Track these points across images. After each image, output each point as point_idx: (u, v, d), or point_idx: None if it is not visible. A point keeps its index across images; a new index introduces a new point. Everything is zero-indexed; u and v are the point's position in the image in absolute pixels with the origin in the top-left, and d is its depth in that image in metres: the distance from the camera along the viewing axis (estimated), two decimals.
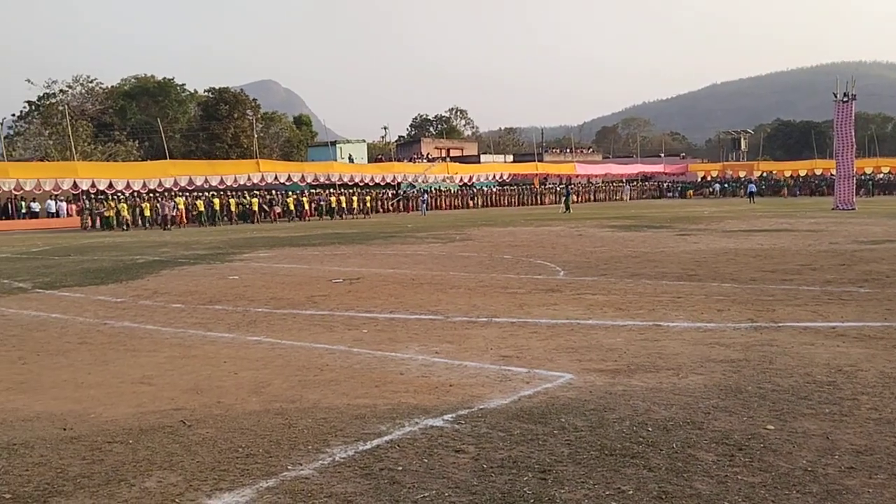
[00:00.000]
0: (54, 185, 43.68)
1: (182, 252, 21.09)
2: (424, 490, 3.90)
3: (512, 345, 7.51)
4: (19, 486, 4.13)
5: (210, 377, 6.55)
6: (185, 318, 9.73)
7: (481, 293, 11.16)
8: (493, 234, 25.42)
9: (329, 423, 5.10)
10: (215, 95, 74.38)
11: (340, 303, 10.59)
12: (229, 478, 4.16)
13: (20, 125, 68.14)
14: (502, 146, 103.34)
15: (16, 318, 10.15)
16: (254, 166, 52.02)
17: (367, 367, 6.78)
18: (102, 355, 7.63)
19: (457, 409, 5.31)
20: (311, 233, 29.56)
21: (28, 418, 5.45)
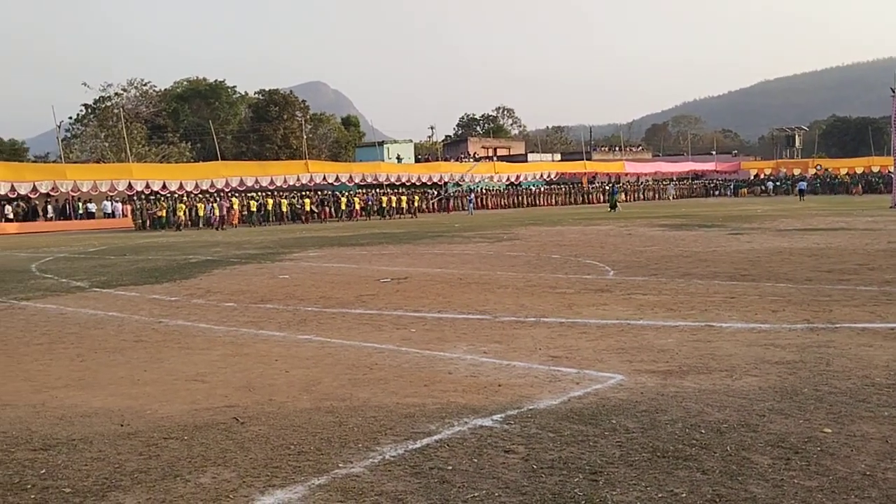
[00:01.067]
0: (110, 187, 44.88)
1: (233, 252, 21.44)
2: (474, 490, 3.90)
3: (561, 345, 7.46)
4: (79, 480, 4.24)
5: (262, 375, 6.64)
6: (237, 317, 9.89)
7: (529, 293, 11.11)
8: (540, 233, 25.30)
9: (379, 421, 5.13)
10: (265, 97, 75.54)
11: (389, 302, 10.65)
12: (281, 475, 4.21)
13: (77, 128, 69.99)
14: (550, 145, 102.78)
15: (74, 317, 10.43)
16: (303, 167, 52.69)
17: (416, 366, 6.81)
18: (157, 353, 7.79)
19: (506, 410, 5.30)
20: (360, 232, 29.79)
21: (87, 414, 5.59)
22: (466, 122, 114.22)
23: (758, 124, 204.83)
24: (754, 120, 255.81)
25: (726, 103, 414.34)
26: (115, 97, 70.58)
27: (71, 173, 44.46)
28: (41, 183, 42.66)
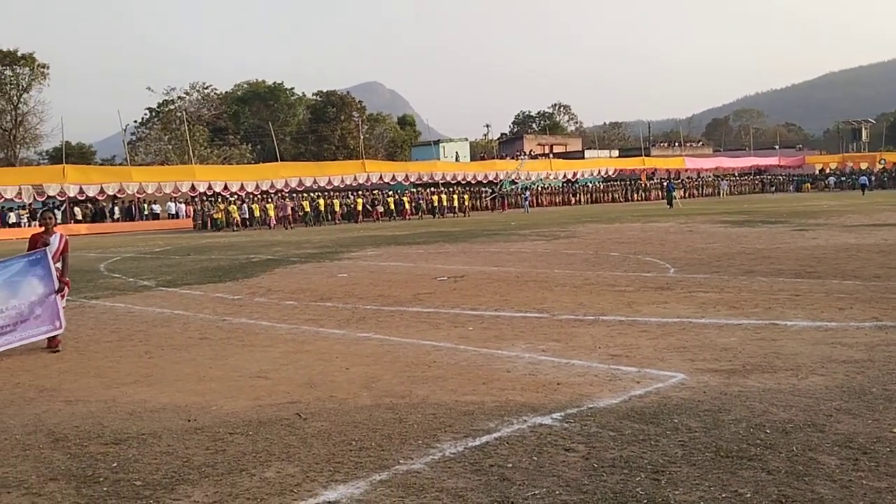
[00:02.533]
0: (174, 188, 46.08)
1: (293, 251, 21.79)
2: (535, 487, 3.89)
3: (621, 343, 7.39)
4: (148, 473, 4.38)
5: (323, 372, 6.74)
6: (297, 315, 10.05)
7: (588, 291, 11.03)
8: (598, 230, 25.06)
9: (438, 418, 5.16)
10: (323, 98, 76.49)
11: (446, 300, 10.69)
12: (344, 470, 4.27)
13: (142, 131, 71.93)
14: (607, 141, 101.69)
15: (141, 315, 10.74)
16: (360, 167, 53.22)
17: (474, 364, 6.82)
18: (222, 350, 7.98)
19: (565, 408, 5.27)
20: (416, 231, 29.95)
21: (155, 410, 5.76)
22: (522, 120, 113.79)
23: (822, 117, 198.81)
24: (819, 113, 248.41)
25: (790, 96, 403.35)
26: (178, 101, 72.30)
27: (136, 175, 45.81)
28: (108, 185, 44.06)
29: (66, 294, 8.72)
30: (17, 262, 8.26)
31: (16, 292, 8.08)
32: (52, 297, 8.32)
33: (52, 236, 8.68)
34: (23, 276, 8.20)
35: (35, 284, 8.25)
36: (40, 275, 8.30)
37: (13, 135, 62.15)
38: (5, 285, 8.04)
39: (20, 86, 61.82)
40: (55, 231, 8.83)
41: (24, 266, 8.27)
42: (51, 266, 8.37)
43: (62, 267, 8.69)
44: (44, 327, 8.28)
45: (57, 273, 8.44)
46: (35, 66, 61.75)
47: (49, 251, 8.44)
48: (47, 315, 8.28)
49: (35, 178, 43.48)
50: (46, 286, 8.31)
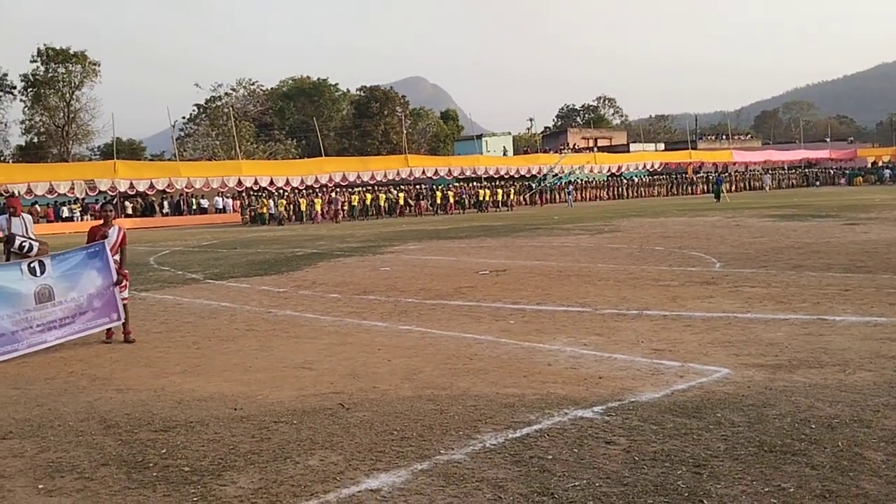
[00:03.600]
0: (221, 183, 46.80)
1: (337, 245, 22.00)
2: (575, 479, 3.90)
3: (664, 338, 7.33)
4: (196, 459, 4.49)
5: (366, 363, 6.82)
6: (341, 308, 10.17)
7: (631, 285, 10.95)
8: (643, 224, 24.81)
9: (479, 410, 5.19)
10: (366, 94, 76.93)
11: (487, 294, 10.71)
12: (385, 459, 4.34)
13: (190, 127, 73.19)
14: (653, 134, 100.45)
15: (190, 307, 10.97)
16: (403, 161, 53.39)
17: (515, 357, 6.84)
18: (267, 341, 8.12)
19: (607, 402, 5.27)
20: (458, 226, 29.98)
21: (203, 398, 5.90)
22: (566, 113, 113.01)
23: (875, 109, 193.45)
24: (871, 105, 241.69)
25: (842, 88, 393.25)
26: (225, 97, 73.41)
27: (185, 171, 46.63)
28: (157, 180, 44.91)
29: (126, 286, 8.81)
30: (76, 255, 8.41)
31: (75, 284, 8.22)
32: (110, 289, 8.46)
33: (110, 229, 8.78)
34: (82, 269, 8.34)
35: (94, 277, 8.39)
36: (98, 267, 8.43)
37: (66, 131, 63.75)
38: (64, 277, 8.18)
39: (72, 83, 63.35)
40: (114, 224, 8.94)
41: (82, 258, 8.40)
42: (109, 258, 8.49)
43: (120, 259, 8.79)
44: (102, 319, 8.42)
45: (115, 265, 8.57)
46: (87, 64, 63.21)
47: (107, 243, 8.56)
48: (106, 307, 8.42)
49: (87, 173, 44.51)
50: (105, 278, 8.44)
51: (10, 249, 8.91)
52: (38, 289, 7.95)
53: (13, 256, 9.23)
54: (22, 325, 7.78)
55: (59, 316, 8.08)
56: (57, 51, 62.25)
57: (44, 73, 62.39)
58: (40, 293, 7.95)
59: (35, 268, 8.00)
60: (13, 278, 7.85)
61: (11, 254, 8.87)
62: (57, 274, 8.13)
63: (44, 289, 7.98)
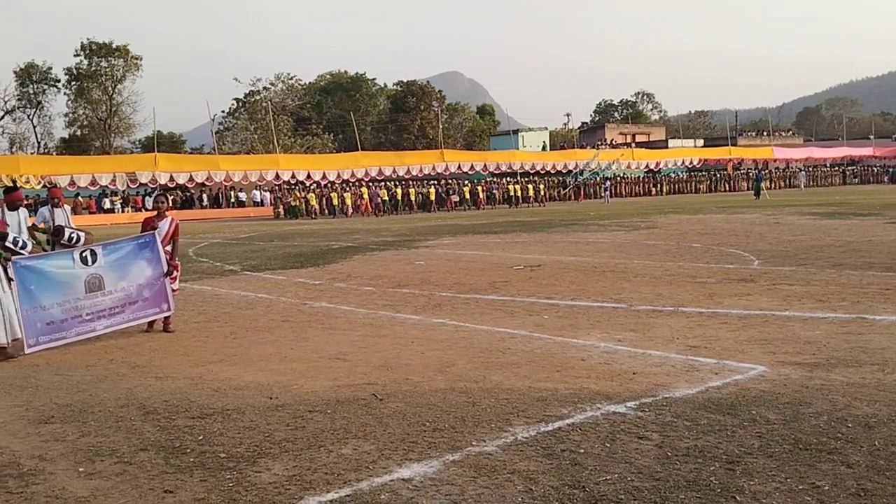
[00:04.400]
0: (259, 177, 47.32)
1: (372, 239, 22.12)
2: (607, 473, 3.90)
3: (700, 335, 7.27)
4: (232, 446, 4.57)
5: (399, 355, 6.87)
6: (375, 300, 10.24)
7: (667, 282, 10.85)
8: (680, 221, 24.55)
9: (511, 403, 5.20)
10: (403, 89, 77.11)
11: (521, 289, 10.70)
12: (418, 449, 4.37)
13: (229, 121, 74.01)
14: (692, 130, 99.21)
15: (227, 298, 11.13)
16: (438, 156, 53.46)
17: (548, 351, 6.83)
18: (303, 332, 8.21)
19: (640, 397, 5.24)
20: (493, 221, 29.95)
21: (239, 387, 5.99)
22: (604, 109, 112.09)
23: None
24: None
25: (886, 84, 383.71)
26: (264, 91, 74.07)
27: (223, 164, 47.22)
28: (197, 173, 45.55)
29: (177, 277, 8.84)
30: (126, 245, 8.48)
31: (125, 274, 8.30)
32: (160, 279, 8.52)
33: (162, 220, 8.82)
34: (132, 259, 8.40)
35: (143, 267, 8.45)
36: (149, 258, 8.49)
37: (108, 124, 64.90)
38: (115, 267, 8.25)
39: (115, 77, 64.45)
40: (167, 215, 8.96)
41: (133, 249, 8.47)
42: (159, 249, 8.55)
43: (172, 250, 8.83)
44: (152, 309, 8.49)
45: (166, 256, 8.63)
46: (129, 58, 64.27)
47: (159, 234, 8.62)
48: (156, 297, 8.48)
49: (128, 165, 45.32)
50: (155, 269, 8.50)
51: (60, 241, 9.05)
52: (89, 278, 8.01)
53: (60, 248, 9.41)
54: (71, 313, 7.86)
55: (109, 305, 8.15)
56: (100, 45, 63.35)
57: (87, 66, 63.56)
58: (90, 282, 8.02)
59: (87, 257, 8.07)
60: (65, 266, 7.94)
61: (60, 245, 9.01)
62: (107, 263, 8.19)
63: (94, 278, 8.05)
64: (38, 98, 65.45)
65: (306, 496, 3.78)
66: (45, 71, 65.00)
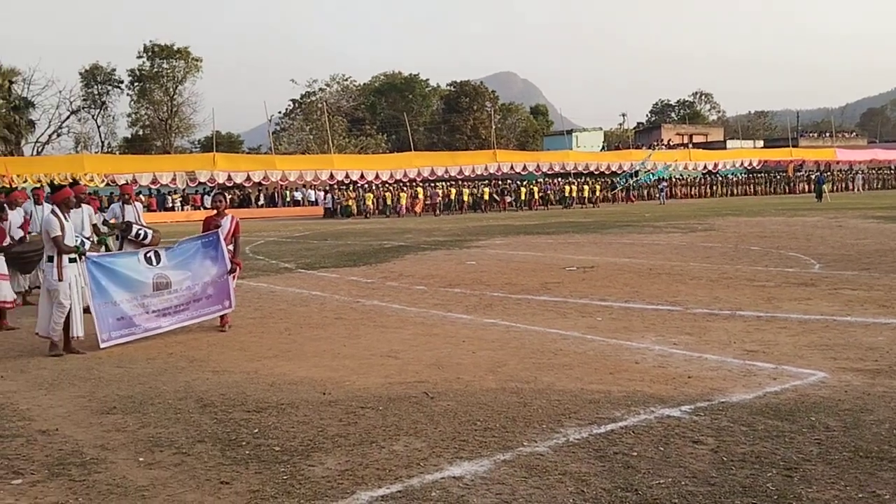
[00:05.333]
0: (314, 176, 47.90)
1: (424, 238, 22.21)
2: (660, 477, 3.85)
3: (758, 339, 7.12)
4: (286, 440, 4.64)
5: (450, 354, 6.89)
6: (427, 299, 10.28)
7: (724, 285, 10.66)
8: (739, 223, 24.06)
9: (563, 405, 5.17)
10: (457, 89, 77.18)
11: (574, 290, 10.62)
12: (468, 448, 4.38)
13: (285, 121, 75.05)
14: (752, 131, 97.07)
15: (282, 295, 11.30)
16: (491, 156, 53.37)
17: (601, 354, 6.77)
18: (355, 330, 8.29)
19: (695, 401, 5.16)
20: (546, 221, 29.78)
21: (293, 382, 6.09)
22: (660, 109, 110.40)
23: None
24: None
25: None
26: (319, 92, 74.94)
27: (280, 164, 47.93)
28: (254, 173, 46.33)
29: (237, 275, 8.99)
30: (191, 243, 8.65)
31: (190, 273, 8.44)
32: (224, 277, 8.65)
33: (223, 219, 8.92)
34: (197, 257, 8.55)
35: (208, 265, 8.59)
36: (213, 256, 8.62)
37: (169, 124, 66.42)
38: (180, 265, 8.41)
39: (176, 78, 65.93)
40: (227, 213, 9.06)
41: (198, 247, 8.62)
42: (223, 247, 8.67)
43: (234, 248, 8.94)
44: (215, 307, 8.63)
45: (229, 254, 8.75)
46: (189, 60, 65.67)
47: (221, 233, 8.73)
48: (219, 294, 8.62)
49: (188, 165, 46.33)
50: (219, 267, 8.62)
51: (127, 237, 9.29)
52: (156, 277, 8.16)
53: (128, 244, 9.67)
54: (139, 310, 8.02)
55: (175, 303, 8.29)
56: (162, 47, 64.88)
57: (149, 68, 65.14)
58: (158, 282, 8.16)
59: (151, 258, 8.24)
60: (131, 265, 8.11)
61: (127, 241, 9.26)
62: (172, 263, 8.35)
63: (161, 278, 8.19)
64: (102, 99, 67.26)
65: (358, 491, 3.82)
66: (110, 72, 66.79)
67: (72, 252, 7.56)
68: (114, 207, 10.14)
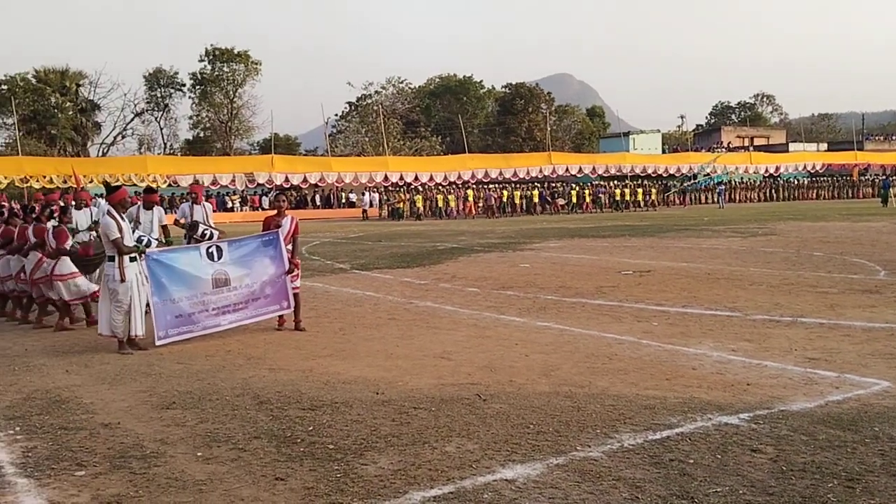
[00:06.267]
0: (369, 178, 48.32)
1: (477, 240, 22.20)
2: (716, 485, 3.78)
3: (820, 347, 6.93)
4: (340, 438, 4.69)
5: (503, 357, 6.87)
6: (479, 301, 10.27)
7: (786, 291, 10.40)
8: (801, 228, 23.45)
9: (617, 410, 5.11)
10: (511, 91, 76.94)
11: (629, 294, 10.49)
12: (521, 451, 4.36)
13: (341, 124, 75.84)
14: (815, 134, 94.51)
15: (337, 295, 11.43)
16: (546, 159, 53.12)
17: (657, 359, 6.67)
18: (408, 331, 8.34)
19: (754, 409, 5.05)
20: (601, 224, 29.49)
21: (347, 381, 6.15)
22: (720, 111, 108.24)
23: None
24: None
25: None
26: (375, 95, 75.53)
27: (335, 166, 48.53)
28: (310, 174, 47.01)
29: (298, 276, 9.01)
30: (251, 242, 8.70)
31: (249, 271, 8.49)
32: (282, 277, 8.68)
33: (283, 219, 8.95)
34: (256, 256, 8.61)
35: (267, 265, 8.64)
36: (272, 255, 8.68)
37: (229, 127, 67.76)
38: (239, 264, 8.47)
39: (236, 81, 67.24)
40: (287, 214, 9.09)
41: (257, 246, 8.68)
42: (282, 247, 8.72)
43: (293, 249, 8.97)
44: (273, 306, 8.67)
45: (288, 254, 8.78)
46: (249, 63, 66.92)
47: (281, 233, 8.77)
48: (277, 295, 8.66)
49: (247, 166, 47.27)
50: (277, 267, 8.67)
51: (193, 236, 9.48)
52: (216, 274, 8.22)
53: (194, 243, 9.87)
54: (199, 307, 8.09)
55: (233, 301, 8.34)
56: (222, 51, 66.23)
57: (210, 71, 66.57)
58: (217, 278, 8.22)
59: (213, 252, 8.30)
60: (192, 262, 8.17)
61: (193, 240, 9.44)
62: (233, 260, 8.40)
63: (220, 274, 8.25)
64: (165, 101, 68.98)
65: (410, 490, 3.84)
66: (172, 76, 68.44)
67: (132, 252, 7.71)
68: (183, 207, 10.37)
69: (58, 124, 58.46)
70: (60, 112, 59.39)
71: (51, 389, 6.17)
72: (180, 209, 10.37)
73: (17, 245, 9.83)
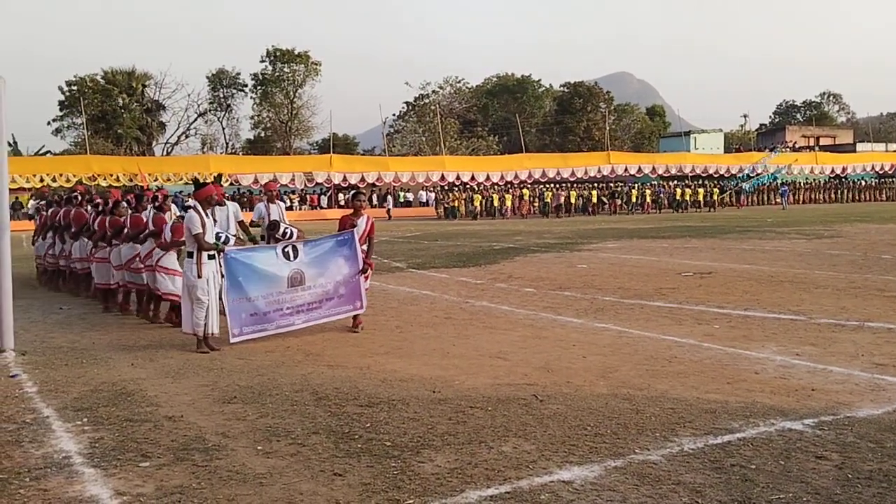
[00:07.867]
0: (425, 178, 48.54)
1: (534, 240, 22.10)
2: (779, 492, 3.69)
3: (888, 352, 6.71)
4: (397, 435, 4.73)
5: (559, 358, 6.83)
6: (536, 302, 10.23)
7: (852, 294, 10.10)
8: (868, 231, 22.73)
9: (677, 413, 5.04)
10: (570, 90, 76.32)
11: (690, 296, 10.32)
12: (578, 452, 4.33)
13: (399, 123, 76.29)
14: (884, 133, 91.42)
15: (394, 293, 11.51)
16: (604, 158, 52.56)
17: (718, 362, 6.55)
18: (464, 330, 8.35)
19: (819, 415, 4.92)
20: (660, 225, 29.05)
21: (404, 379, 6.19)
22: (785, 110, 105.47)
23: None
24: None
25: None
26: (433, 95, 75.76)
27: (393, 165, 48.89)
28: (368, 174, 47.43)
29: (370, 276, 8.97)
30: (326, 242, 8.67)
31: (323, 271, 8.48)
32: (356, 277, 8.63)
33: (360, 218, 8.83)
34: (331, 256, 8.58)
35: (341, 264, 8.60)
36: (346, 255, 8.63)
37: (289, 126, 68.79)
38: (314, 263, 8.45)
39: (296, 82, 68.23)
40: (363, 214, 8.94)
41: (332, 246, 8.64)
42: (357, 247, 8.66)
43: (368, 249, 8.90)
44: (346, 307, 8.64)
45: (362, 254, 8.72)
46: (309, 64, 67.82)
47: (357, 232, 8.70)
48: (351, 295, 8.62)
49: (306, 166, 47.95)
50: (352, 266, 8.61)
51: (275, 235, 9.55)
52: (291, 273, 8.23)
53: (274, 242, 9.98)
54: (274, 306, 8.11)
55: (308, 300, 8.33)
56: (283, 51, 67.27)
57: (271, 72, 67.70)
58: (293, 277, 8.23)
59: (289, 252, 8.30)
60: (269, 261, 8.19)
61: (274, 240, 9.53)
62: (308, 259, 8.39)
63: (296, 273, 8.25)
64: (227, 101, 70.36)
65: (467, 489, 3.85)
66: (234, 76, 69.76)
67: (211, 249, 7.80)
68: (259, 207, 10.21)
69: (124, 124, 60.13)
70: (127, 112, 61.11)
71: (117, 382, 6.36)
72: (256, 209, 10.27)
73: (134, 233, 9.93)
